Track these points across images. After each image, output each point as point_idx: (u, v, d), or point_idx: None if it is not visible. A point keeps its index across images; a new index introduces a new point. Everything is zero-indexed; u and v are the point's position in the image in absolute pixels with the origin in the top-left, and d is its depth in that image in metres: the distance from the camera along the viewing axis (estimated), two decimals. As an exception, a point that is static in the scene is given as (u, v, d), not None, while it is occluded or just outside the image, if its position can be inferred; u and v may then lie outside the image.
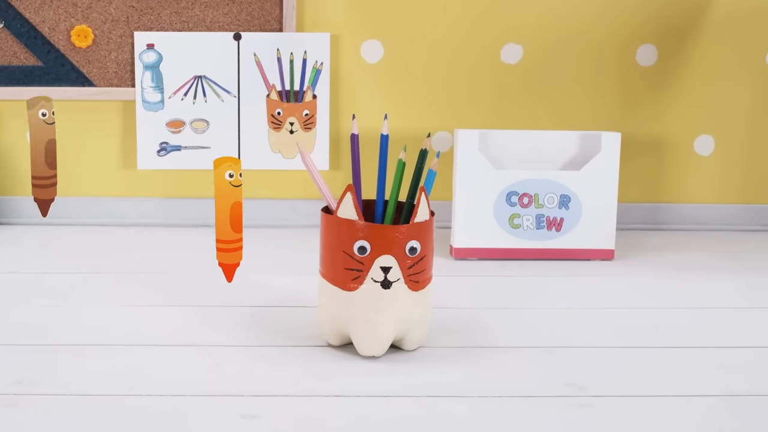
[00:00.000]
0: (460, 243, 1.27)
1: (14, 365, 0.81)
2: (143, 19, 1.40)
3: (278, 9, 1.41)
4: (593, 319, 1.01)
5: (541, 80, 1.47)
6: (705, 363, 0.87)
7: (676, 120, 1.49)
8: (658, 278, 1.19)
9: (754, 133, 1.51)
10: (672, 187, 1.52)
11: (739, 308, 1.06)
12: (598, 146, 1.27)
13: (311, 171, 0.88)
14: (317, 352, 0.88)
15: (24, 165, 1.45)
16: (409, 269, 0.84)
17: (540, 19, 1.45)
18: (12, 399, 0.74)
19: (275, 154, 1.44)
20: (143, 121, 1.42)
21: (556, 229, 1.28)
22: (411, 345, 0.88)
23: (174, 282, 1.09)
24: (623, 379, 0.82)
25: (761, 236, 1.47)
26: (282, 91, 1.43)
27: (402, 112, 1.46)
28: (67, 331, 0.91)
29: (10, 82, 1.41)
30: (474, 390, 0.79)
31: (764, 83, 1.49)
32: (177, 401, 0.75)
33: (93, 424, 0.70)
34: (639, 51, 1.47)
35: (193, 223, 1.47)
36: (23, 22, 1.39)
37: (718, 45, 1.47)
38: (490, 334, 0.94)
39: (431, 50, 1.45)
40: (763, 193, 1.53)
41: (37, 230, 1.40)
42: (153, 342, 0.89)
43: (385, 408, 0.75)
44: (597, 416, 0.74)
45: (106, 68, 1.41)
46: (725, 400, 0.78)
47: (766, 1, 1.46)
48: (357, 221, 0.83)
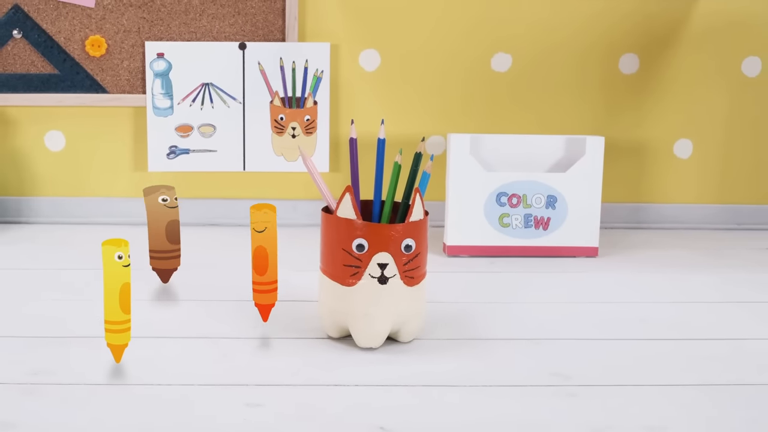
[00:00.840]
0: (452, 241, 1.27)
1: (31, 356, 0.81)
2: (154, 29, 1.40)
3: (281, 20, 1.41)
4: (578, 312, 1.01)
5: (529, 87, 1.47)
6: (684, 354, 0.87)
7: (656, 125, 1.49)
8: (640, 274, 1.19)
9: (730, 138, 1.51)
10: (653, 188, 1.52)
11: (715, 302, 1.06)
12: (583, 150, 1.27)
13: (312, 173, 0.88)
14: (318, 344, 0.88)
15: (41, 167, 1.44)
16: (405, 266, 0.83)
17: (528, 29, 1.45)
18: (29, 388, 0.74)
19: (278, 157, 1.44)
20: (154, 126, 1.42)
21: (543, 227, 1.28)
22: (406, 337, 0.88)
23: (182, 277, 1.09)
24: (607, 370, 0.82)
25: (736, 234, 1.47)
26: (285, 97, 1.42)
27: (398, 118, 1.46)
28: (81, 323, 0.91)
29: (27, 89, 1.40)
30: (466, 379, 0.79)
31: (740, 90, 1.49)
32: (185, 390, 0.74)
33: (105, 411, 0.70)
34: (622, 60, 1.47)
35: (200, 222, 1.47)
36: (40, 33, 1.39)
37: (696, 54, 1.47)
38: (481, 327, 0.94)
39: (426, 59, 1.45)
40: (738, 194, 1.53)
41: (54, 229, 1.40)
42: (162, 334, 0.89)
43: (382, 397, 0.75)
44: (582, 404, 0.74)
45: (118, 76, 1.41)
46: (705, 389, 0.78)
47: (741, 14, 1.46)
48: (355, 220, 0.83)
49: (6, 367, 0.79)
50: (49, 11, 1.38)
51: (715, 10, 1.46)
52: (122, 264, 0.75)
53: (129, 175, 1.46)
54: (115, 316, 0.77)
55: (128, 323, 0.78)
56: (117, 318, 0.77)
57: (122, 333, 0.77)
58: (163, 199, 1.05)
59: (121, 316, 0.77)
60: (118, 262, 0.75)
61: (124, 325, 0.77)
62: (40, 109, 1.43)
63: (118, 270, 0.75)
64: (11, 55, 1.39)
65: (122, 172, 1.46)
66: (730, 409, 0.74)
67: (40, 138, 1.44)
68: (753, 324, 0.98)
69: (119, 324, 0.77)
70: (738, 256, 1.31)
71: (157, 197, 1.05)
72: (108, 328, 0.77)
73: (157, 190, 1.06)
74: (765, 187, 1.53)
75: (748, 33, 1.47)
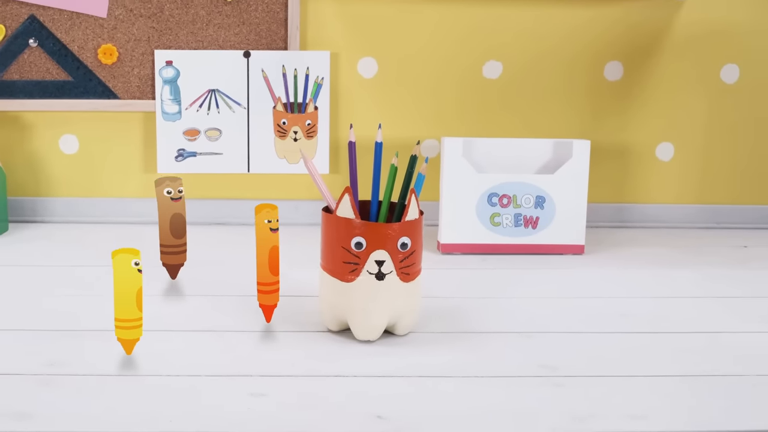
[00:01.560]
0: (446, 239, 1.27)
1: (47, 348, 0.81)
2: (162, 38, 1.40)
3: (283, 30, 1.41)
4: (565, 307, 1.01)
5: (518, 93, 1.47)
6: (665, 346, 0.87)
7: (639, 129, 1.50)
8: (624, 270, 1.19)
9: (710, 141, 1.51)
10: (636, 189, 1.52)
11: (695, 297, 1.06)
12: (570, 152, 1.27)
13: (313, 175, 0.88)
14: (318, 337, 0.88)
15: (56, 169, 1.44)
16: (401, 263, 0.84)
17: (517, 39, 1.45)
18: (45, 379, 0.74)
19: (281, 159, 1.44)
20: (162, 130, 1.42)
21: (532, 226, 1.28)
22: (403, 330, 0.88)
23: (190, 273, 1.09)
24: (592, 361, 0.82)
25: (715, 233, 1.48)
26: (287, 103, 1.42)
27: (394, 122, 1.46)
28: (94, 317, 0.91)
29: (43, 95, 1.40)
30: (459, 370, 0.79)
31: (718, 96, 1.49)
32: (193, 381, 0.75)
33: (117, 401, 0.70)
34: (606, 67, 1.47)
35: (206, 222, 1.47)
36: (55, 42, 1.39)
37: (677, 62, 1.47)
38: (473, 321, 0.94)
39: (421, 67, 1.45)
40: (717, 195, 1.53)
41: (68, 228, 1.40)
42: (170, 327, 0.89)
43: (380, 386, 0.75)
44: (568, 394, 0.74)
45: (129, 83, 1.41)
46: (684, 379, 0.78)
47: (719, 24, 1.46)
48: (354, 220, 0.83)
49: (23, 359, 0.79)
50: (63, 21, 1.38)
51: (695, 21, 1.46)
52: (137, 269, 0.76)
53: (139, 176, 1.46)
54: (129, 315, 0.77)
55: (140, 320, 0.78)
56: (131, 316, 0.77)
57: (135, 329, 0.78)
58: (167, 192, 1.01)
59: (135, 314, 0.77)
60: (134, 268, 0.76)
61: (137, 322, 0.78)
62: (55, 114, 1.43)
63: (134, 275, 0.76)
64: (28, 63, 1.39)
65: (133, 173, 1.46)
66: (708, 398, 0.74)
67: (55, 141, 1.44)
68: (730, 318, 0.98)
69: (133, 321, 0.78)
70: (716, 254, 1.31)
71: (162, 189, 1.01)
72: (120, 325, 0.78)
73: (163, 182, 1.01)
74: (742, 187, 1.53)
75: (726, 42, 1.47)
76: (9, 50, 1.39)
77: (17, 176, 1.44)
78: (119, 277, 0.76)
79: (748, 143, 1.52)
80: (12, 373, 0.76)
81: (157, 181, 1.02)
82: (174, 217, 1.02)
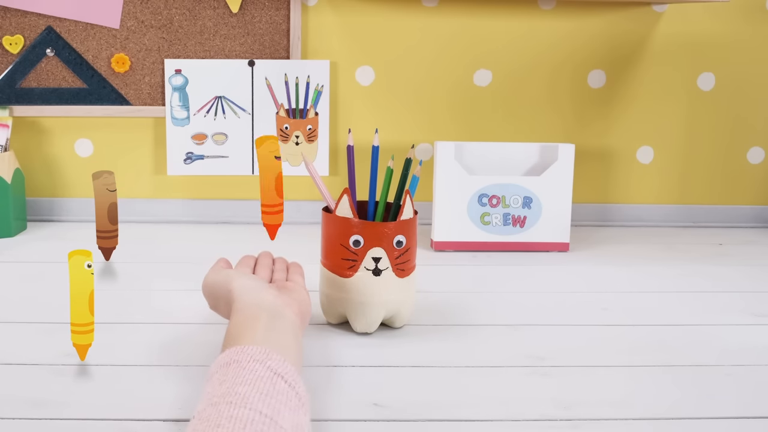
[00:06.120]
0: (439, 237, 1.27)
1: (61, 340, 0.81)
2: (172, 48, 1.40)
3: (286, 40, 1.41)
4: (551, 300, 1.01)
5: (507, 100, 1.47)
6: (645, 338, 0.87)
7: (621, 133, 1.50)
8: (606, 266, 1.19)
9: (688, 145, 1.51)
10: (617, 190, 1.52)
11: (673, 292, 1.07)
12: (556, 156, 1.27)
13: (314, 176, 0.88)
14: (319, 329, 0.88)
15: (72, 172, 1.44)
16: (396, 259, 0.84)
17: (506, 48, 1.45)
18: (60, 369, 0.74)
19: (283, 162, 1.44)
20: (172, 134, 1.41)
21: (520, 225, 1.28)
22: (398, 323, 0.88)
23: (198, 270, 1.09)
24: (577, 352, 0.82)
25: (692, 231, 1.48)
26: (289, 109, 1.42)
27: (390, 127, 1.46)
28: (106, 311, 0.91)
29: (60, 102, 1.40)
30: (451, 361, 0.79)
31: (696, 103, 1.49)
32: (200, 371, 0.74)
33: (129, 389, 0.70)
34: (590, 75, 1.47)
35: (214, 221, 1.46)
36: (71, 51, 1.38)
37: (657, 71, 1.47)
38: (464, 314, 0.94)
39: (415, 75, 1.45)
40: (694, 195, 1.53)
41: (82, 226, 1.39)
42: (179, 321, 0.89)
43: (377, 376, 0.75)
44: (554, 383, 0.74)
45: (140, 90, 1.41)
46: (664, 369, 0.78)
47: (696, 35, 1.46)
48: (352, 219, 0.83)
49: (40, 349, 0.79)
50: (78, 32, 1.38)
51: (673, 32, 1.46)
52: (90, 272, 0.72)
53: (150, 178, 1.45)
54: (82, 319, 0.73)
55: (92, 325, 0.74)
56: (84, 320, 0.73)
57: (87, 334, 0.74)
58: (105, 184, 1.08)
59: (87, 318, 0.73)
60: (87, 270, 0.72)
61: (89, 327, 0.74)
62: (70, 120, 1.42)
63: (86, 277, 0.72)
64: (45, 71, 1.39)
65: (144, 175, 1.45)
66: (686, 386, 0.74)
67: (70, 145, 1.43)
68: (705, 311, 0.98)
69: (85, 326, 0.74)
70: (693, 251, 1.31)
71: (101, 183, 1.07)
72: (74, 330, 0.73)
73: (101, 176, 1.07)
74: (718, 189, 1.53)
75: (702, 52, 1.47)
76: (27, 59, 1.38)
77: (35, 178, 1.44)
78: (74, 280, 0.72)
79: (723, 147, 1.52)
80: (29, 363, 0.75)
81: (95, 175, 1.07)
82: (111, 206, 1.09)
